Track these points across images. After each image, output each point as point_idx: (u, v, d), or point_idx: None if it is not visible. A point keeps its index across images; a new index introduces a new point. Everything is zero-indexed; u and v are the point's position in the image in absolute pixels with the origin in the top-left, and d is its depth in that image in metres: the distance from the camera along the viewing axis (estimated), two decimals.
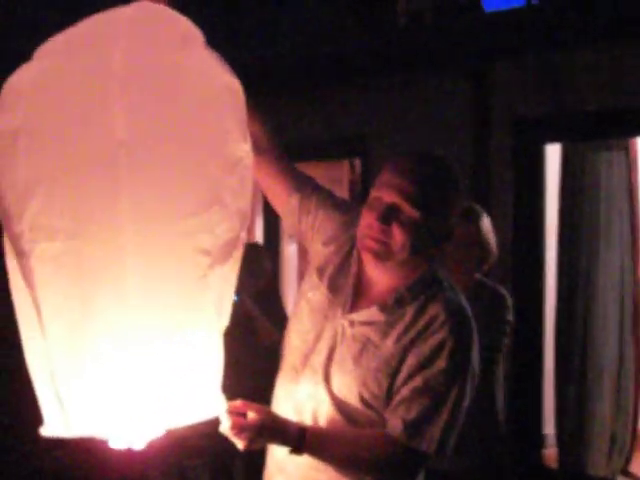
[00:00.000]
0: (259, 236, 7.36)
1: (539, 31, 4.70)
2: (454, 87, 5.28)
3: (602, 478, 5.19)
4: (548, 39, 4.67)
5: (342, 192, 7.04)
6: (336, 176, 7.12)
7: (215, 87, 1.78)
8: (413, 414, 2.09)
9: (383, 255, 2.11)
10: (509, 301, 3.70)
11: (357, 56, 5.33)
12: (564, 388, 5.15)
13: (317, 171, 6.44)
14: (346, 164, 7.30)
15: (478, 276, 3.71)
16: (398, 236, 2.08)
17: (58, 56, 1.73)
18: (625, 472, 5.30)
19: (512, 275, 4.59)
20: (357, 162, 6.91)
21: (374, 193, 2.14)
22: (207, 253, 1.71)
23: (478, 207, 3.72)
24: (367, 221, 2.12)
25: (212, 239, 1.72)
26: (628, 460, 5.30)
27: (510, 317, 3.69)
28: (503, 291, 3.72)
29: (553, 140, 5.11)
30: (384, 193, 2.10)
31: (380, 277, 2.20)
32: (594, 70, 4.63)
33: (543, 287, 5.07)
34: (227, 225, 1.75)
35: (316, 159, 6.33)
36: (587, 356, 5.13)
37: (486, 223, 3.66)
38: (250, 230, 7.45)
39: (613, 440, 5.19)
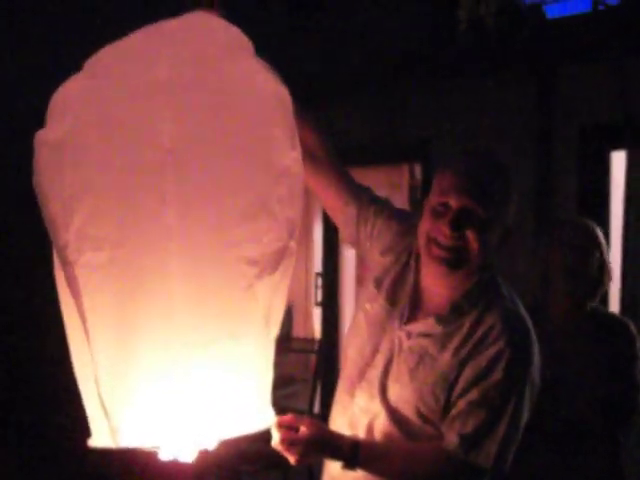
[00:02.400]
0: (318, 241, 7.35)
1: (605, 37, 4.61)
2: (517, 93, 5.21)
3: None
4: (614, 45, 4.58)
5: (402, 197, 7.02)
6: (396, 181, 7.10)
7: (262, 95, 1.77)
8: (469, 428, 2.04)
9: (456, 263, 2.07)
10: (633, 329, 3.10)
11: (418, 60, 5.30)
12: None
13: (377, 176, 6.48)
14: (406, 169, 7.26)
15: (592, 304, 3.15)
16: (473, 240, 2.04)
17: (106, 68, 1.73)
18: None
19: None
20: (417, 167, 6.86)
21: (438, 199, 2.09)
22: (254, 263, 1.69)
23: (588, 221, 3.18)
24: (434, 229, 2.08)
25: (259, 248, 1.69)
26: None
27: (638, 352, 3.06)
28: (624, 319, 3.20)
29: (619, 147, 5.00)
30: (451, 198, 2.05)
31: (437, 287, 2.16)
32: None
33: (607, 297, 4.96)
34: (275, 234, 1.72)
35: (376, 164, 6.31)
36: None
37: (602, 238, 3.12)
38: (308, 235, 7.45)
39: None
